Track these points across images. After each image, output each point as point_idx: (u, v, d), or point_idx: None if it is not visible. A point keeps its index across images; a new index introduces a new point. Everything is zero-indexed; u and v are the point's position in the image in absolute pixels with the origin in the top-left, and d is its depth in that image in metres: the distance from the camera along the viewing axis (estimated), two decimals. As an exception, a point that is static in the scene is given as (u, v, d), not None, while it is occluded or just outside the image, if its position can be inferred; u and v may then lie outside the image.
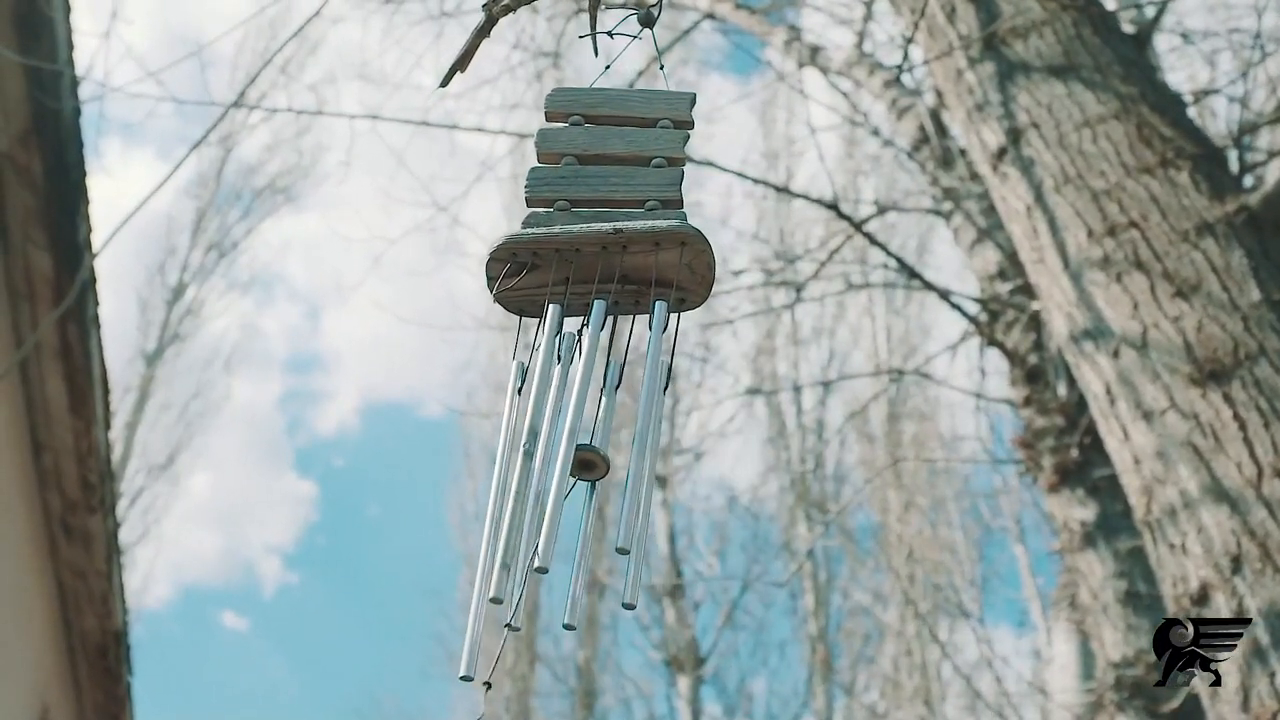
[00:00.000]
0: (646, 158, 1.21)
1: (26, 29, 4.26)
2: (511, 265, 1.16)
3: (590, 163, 1.21)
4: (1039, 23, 3.31)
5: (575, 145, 1.22)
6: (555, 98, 1.26)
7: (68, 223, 4.61)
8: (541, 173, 1.21)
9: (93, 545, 5.28)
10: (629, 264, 1.14)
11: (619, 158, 1.21)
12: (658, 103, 1.25)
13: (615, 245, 1.14)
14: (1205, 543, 2.43)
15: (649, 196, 1.18)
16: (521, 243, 1.15)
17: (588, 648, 13.41)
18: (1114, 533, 4.48)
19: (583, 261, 1.14)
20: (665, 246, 1.14)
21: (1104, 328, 2.80)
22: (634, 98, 1.26)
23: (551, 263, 1.15)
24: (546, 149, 1.23)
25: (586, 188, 1.19)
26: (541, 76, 8.16)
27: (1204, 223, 2.78)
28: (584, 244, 1.14)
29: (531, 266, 1.16)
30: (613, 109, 1.25)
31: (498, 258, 1.16)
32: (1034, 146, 3.13)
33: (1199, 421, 2.53)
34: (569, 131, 1.24)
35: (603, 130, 1.23)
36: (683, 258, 1.14)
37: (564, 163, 1.22)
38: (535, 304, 1.17)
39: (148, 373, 13.54)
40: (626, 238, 1.13)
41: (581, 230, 1.14)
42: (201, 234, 14.08)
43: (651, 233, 1.14)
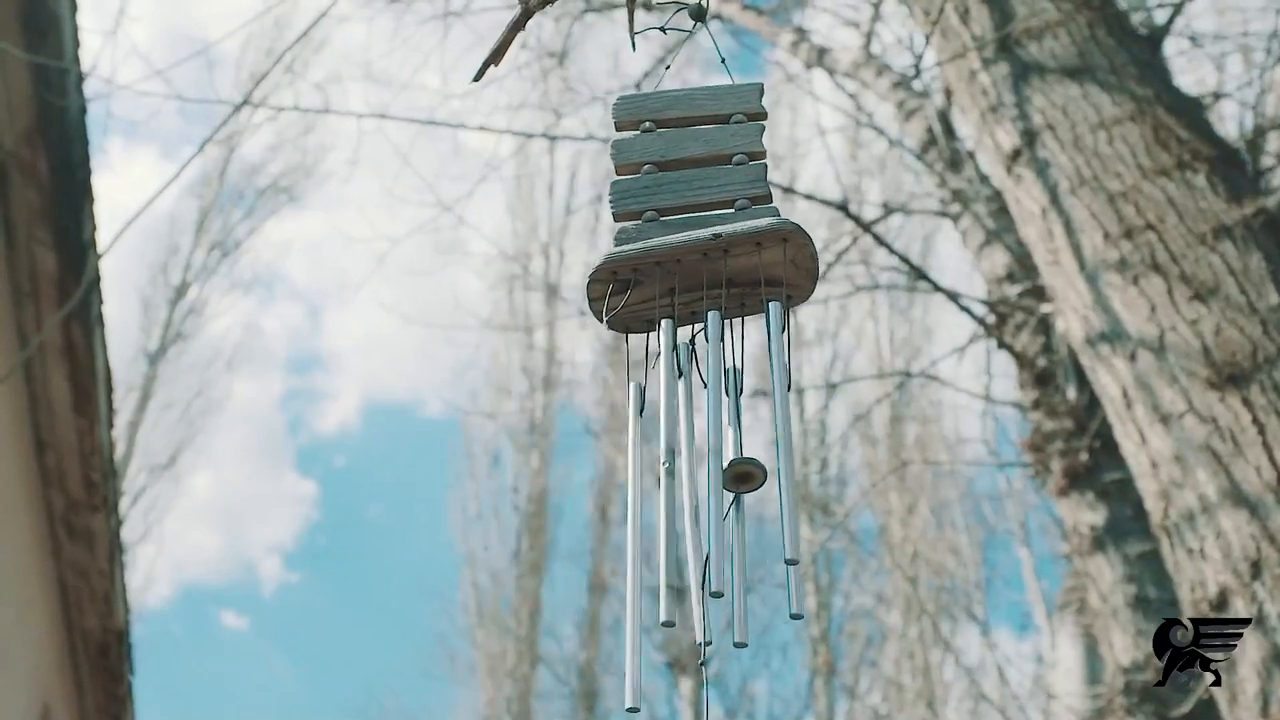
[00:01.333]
0: (727, 155, 1.19)
1: (33, 26, 4.25)
2: (614, 285, 1.14)
3: (670, 168, 1.19)
4: (1053, 24, 3.29)
5: (652, 153, 1.20)
6: (623, 106, 1.24)
7: (72, 221, 4.59)
8: (624, 185, 1.19)
9: (95, 544, 5.27)
10: (732, 267, 1.12)
11: (698, 159, 1.19)
12: (726, 97, 1.23)
13: (716, 251, 1.12)
14: (1224, 547, 2.42)
15: (737, 195, 1.16)
16: (621, 260, 1.13)
17: (589, 649, 13.40)
18: (1123, 537, 4.46)
19: (685, 271, 1.12)
20: (767, 245, 1.12)
21: (1121, 330, 2.78)
22: (700, 95, 1.24)
23: (654, 276, 1.13)
24: (624, 160, 1.20)
25: (673, 194, 1.17)
26: (547, 77, 8.15)
27: (1221, 225, 2.76)
28: (685, 254, 1.12)
29: (634, 283, 1.13)
30: (682, 110, 1.22)
31: (599, 279, 1.14)
32: (1049, 148, 3.11)
33: (1217, 425, 2.51)
34: (643, 139, 1.21)
35: (677, 133, 1.21)
36: (786, 254, 1.12)
37: (644, 171, 1.20)
38: (640, 320, 1.14)
39: (150, 371, 13.52)
40: (727, 242, 1.12)
41: (681, 240, 1.12)
42: (204, 233, 14.07)
43: (752, 233, 1.12)
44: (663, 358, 1.11)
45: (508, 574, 13.86)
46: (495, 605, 13.82)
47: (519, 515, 13.92)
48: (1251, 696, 2.31)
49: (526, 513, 13.84)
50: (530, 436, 14.00)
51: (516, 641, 13.40)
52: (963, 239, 5.52)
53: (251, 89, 5.61)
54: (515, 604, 13.58)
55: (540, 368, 13.95)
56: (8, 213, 4.52)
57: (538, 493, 13.87)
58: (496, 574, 13.99)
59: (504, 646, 13.51)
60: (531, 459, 13.99)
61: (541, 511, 13.82)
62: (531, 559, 13.67)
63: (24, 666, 5.03)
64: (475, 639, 13.93)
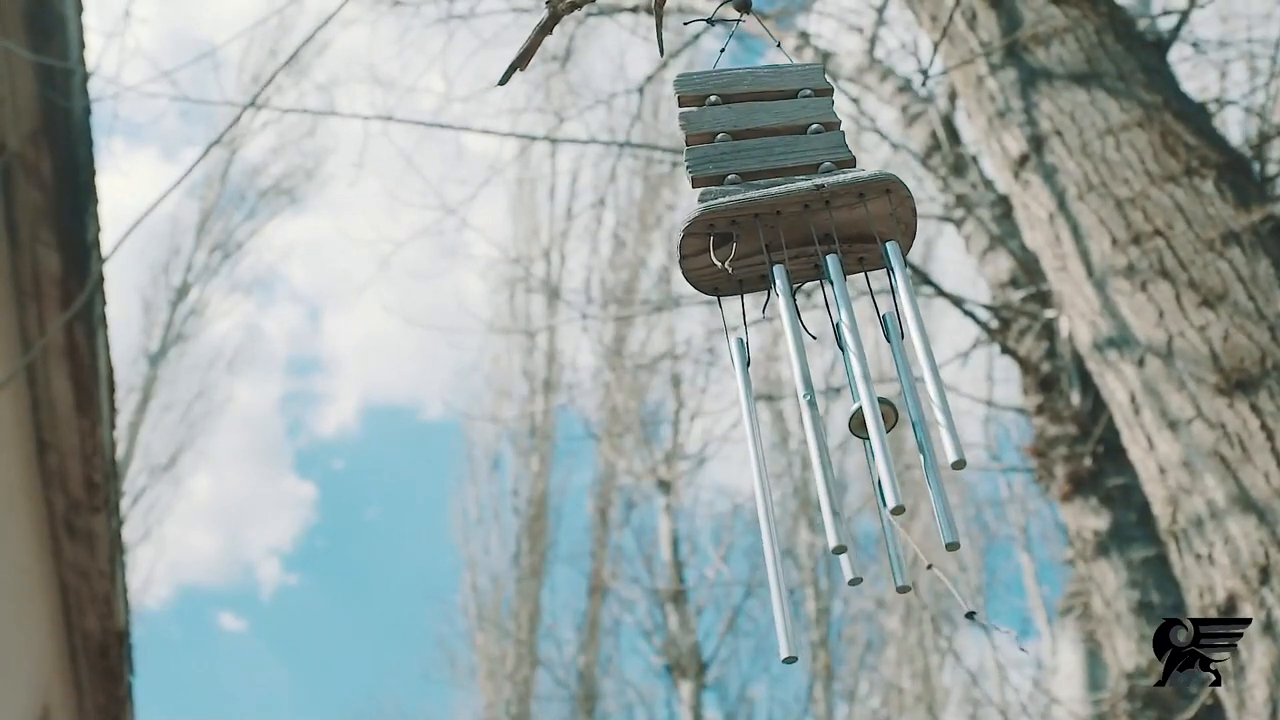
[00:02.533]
0: (802, 125, 1.16)
1: (38, 27, 4.24)
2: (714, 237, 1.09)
3: (744, 137, 1.16)
4: (1061, 30, 3.29)
5: (724, 123, 1.17)
6: (686, 81, 1.20)
7: (76, 222, 4.59)
8: (700, 152, 1.15)
9: (96, 545, 5.26)
10: (834, 220, 1.09)
11: (774, 129, 1.16)
12: (790, 75, 1.21)
13: (818, 202, 1.08)
14: (1232, 553, 2.41)
15: (821, 159, 1.13)
16: (719, 211, 1.08)
17: (589, 652, 13.39)
18: (1127, 542, 4.46)
19: (785, 224, 1.08)
20: (870, 197, 1.09)
21: (1129, 336, 2.78)
22: (764, 73, 1.21)
23: (754, 229, 1.08)
24: (695, 130, 1.17)
25: (754, 159, 1.14)
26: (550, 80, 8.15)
27: (1229, 232, 2.76)
28: (785, 205, 1.08)
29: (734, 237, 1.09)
30: (748, 86, 1.20)
31: (695, 232, 1.09)
32: (1057, 154, 3.11)
33: (1226, 431, 2.51)
34: (712, 111, 1.18)
35: (746, 106, 1.18)
36: (890, 206, 1.09)
37: (719, 139, 1.16)
38: (731, 281, 1.10)
39: (151, 373, 13.51)
40: (830, 192, 1.08)
41: (782, 190, 1.08)
42: (206, 235, 14.07)
43: (855, 183, 1.09)
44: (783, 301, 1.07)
45: (508, 577, 13.86)
46: (495, 608, 13.81)
47: (519, 518, 13.91)
48: (1260, 703, 2.30)
49: (527, 516, 13.83)
50: (531, 440, 13.99)
51: (516, 644, 13.39)
52: (966, 244, 5.52)
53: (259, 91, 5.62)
54: (515, 607, 13.57)
55: (541, 371, 13.95)
56: (11, 213, 4.52)
57: (538, 496, 13.86)
58: (496, 577, 13.98)
59: (504, 650, 13.50)
60: (532, 462, 13.98)
61: (542, 515, 13.81)
62: (531, 562, 13.66)
63: (24, 667, 5.03)
64: (475, 642, 13.92)
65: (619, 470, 13.34)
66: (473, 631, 14.03)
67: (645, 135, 10.71)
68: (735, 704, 12.93)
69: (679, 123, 1.17)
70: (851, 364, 1.05)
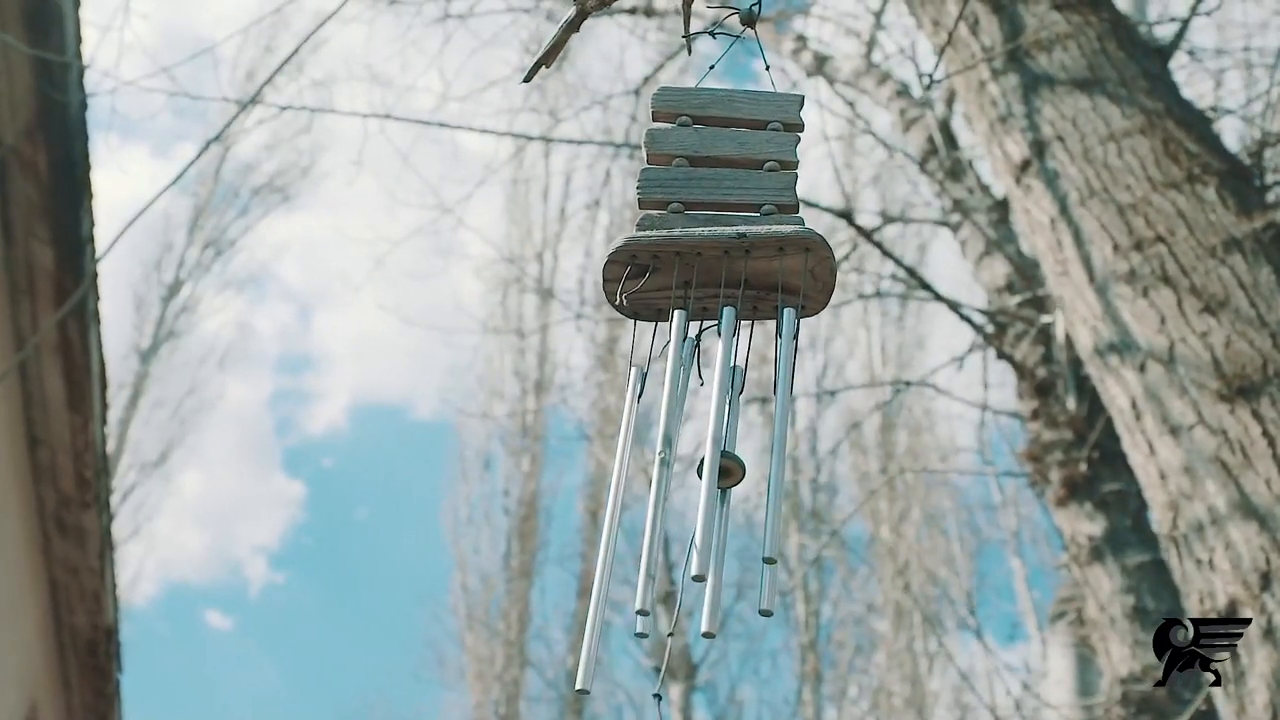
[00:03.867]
0: (759, 161, 1.19)
1: (36, 22, 4.23)
2: (631, 268, 1.14)
3: (701, 164, 1.19)
4: (1063, 36, 3.30)
5: (686, 147, 1.20)
6: (663, 97, 1.24)
7: (71, 218, 4.57)
8: (654, 174, 1.19)
9: (86, 541, 5.24)
10: (750, 269, 1.12)
11: (731, 160, 1.19)
12: (766, 104, 1.23)
13: (738, 250, 1.12)
14: (1234, 559, 2.42)
15: (765, 200, 1.16)
16: (642, 245, 1.13)
17: (579, 653, 13.37)
18: (1122, 548, 4.48)
19: (703, 265, 1.12)
20: (789, 252, 1.12)
21: (1130, 341, 2.79)
22: (740, 99, 1.24)
23: (672, 265, 1.12)
24: (657, 150, 1.21)
25: (701, 190, 1.17)
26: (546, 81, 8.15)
27: (1231, 239, 2.77)
28: (706, 248, 1.12)
29: (651, 270, 1.13)
30: (721, 110, 1.23)
31: (617, 260, 1.14)
32: (1059, 159, 3.12)
33: (1227, 437, 2.52)
34: (679, 132, 1.22)
35: (713, 132, 1.21)
36: (806, 263, 1.12)
37: (675, 164, 1.20)
38: (649, 308, 1.14)
39: (142, 369, 13.48)
40: (750, 242, 1.12)
41: (705, 234, 1.12)
42: (199, 231, 14.04)
43: (776, 238, 1.12)
44: (671, 348, 1.11)
45: (498, 577, 13.84)
46: (485, 609, 13.80)
47: (510, 519, 13.91)
48: (1261, 708, 2.31)
49: (518, 516, 13.82)
50: (522, 440, 13.99)
51: (506, 645, 13.38)
52: (962, 249, 5.53)
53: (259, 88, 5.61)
54: (505, 607, 13.56)
55: (533, 371, 13.94)
56: (6, 208, 4.50)
57: (529, 496, 13.85)
58: (487, 577, 13.97)
59: (493, 650, 13.49)
60: (523, 462, 13.98)
61: (533, 515, 13.81)
62: (522, 562, 13.65)
63: (12, 663, 5.00)
64: (464, 642, 13.91)
65: (610, 471, 13.32)
66: (462, 632, 14.02)
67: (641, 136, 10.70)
68: (724, 706, 12.93)
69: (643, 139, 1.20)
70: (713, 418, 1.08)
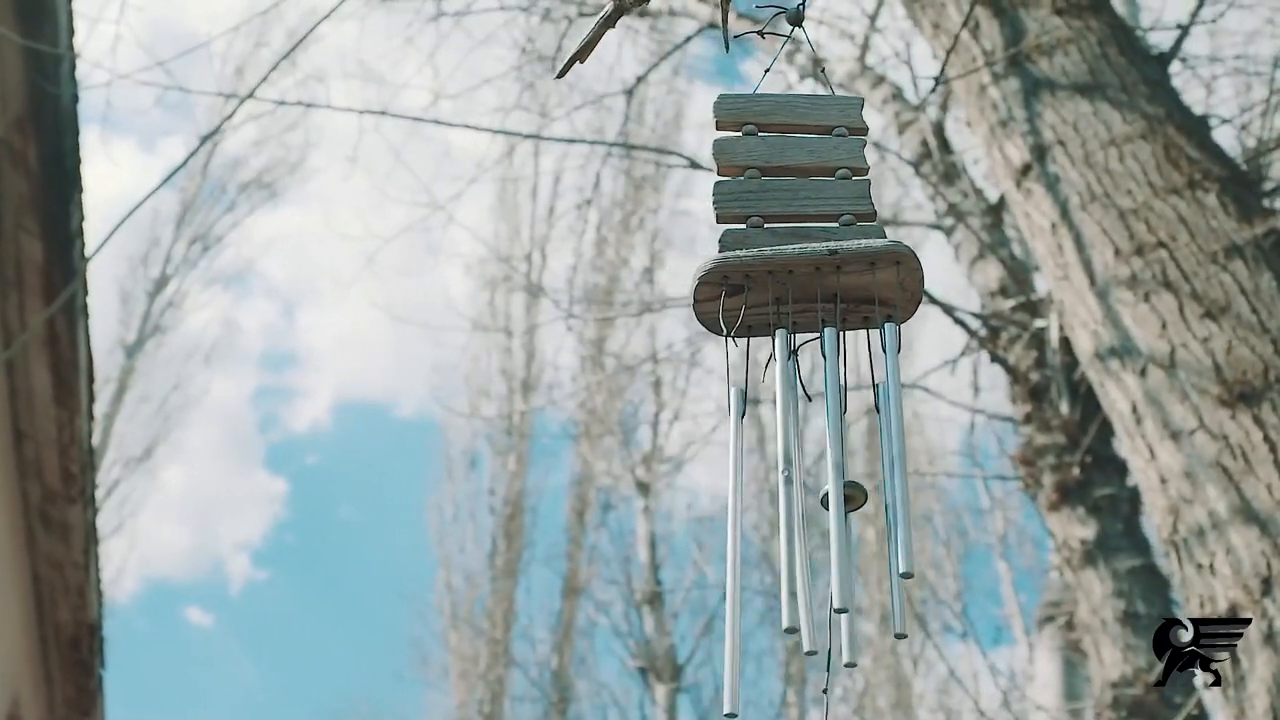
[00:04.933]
0: (831, 168, 1.19)
1: (28, 13, 4.19)
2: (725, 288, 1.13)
3: (773, 174, 1.19)
4: (1064, 40, 3.31)
5: (755, 157, 1.19)
6: (724, 105, 1.23)
7: (60, 211, 4.54)
8: (728, 187, 1.18)
9: (71, 536, 5.20)
10: (842, 284, 1.12)
11: (803, 168, 1.19)
12: (828, 109, 1.22)
13: (829, 266, 1.12)
14: (1234, 563, 2.43)
15: (842, 210, 1.16)
16: (734, 265, 1.13)
17: (563, 653, 13.38)
18: (1114, 552, 4.50)
19: (795, 282, 1.12)
20: (880, 266, 1.13)
21: (1131, 346, 2.80)
22: (801, 104, 1.23)
23: (764, 284, 1.13)
24: (727, 161, 1.19)
25: (777, 203, 1.17)
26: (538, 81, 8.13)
27: (1232, 245, 2.78)
28: (798, 265, 1.12)
29: (746, 289, 1.13)
30: (784, 117, 1.22)
31: (710, 280, 1.13)
32: (1060, 164, 3.13)
33: (1228, 443, 2.53)
34: (746, 142, 1.21)
35: (780, 139, 1.20)
36: (898, 276, 1.13)
37: (747, 175, 1.19)
38: (742, 326, 1.14)
39: (127, 364, 13.40)
40: (842, 258, 1.12)
41: (796, 252, 1.12)
42: (186, 226, 13.96)
43: (868, 253, 1.12)
44: (778, 367, 1.10)
45: (483, 576, 13.82)
46: (469, 608, 13.78)
47: (495, 518, 13.88)
48: (1261, 713, 2.32)
49: (503, 515, 13.80)
50: (508, 439, 13.96)
51: (490, 644, 13.35)
52: (956, 252, 5.55)
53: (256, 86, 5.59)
54: (490, 607, 13.53)
55: (520, 370, 13.92)
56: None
57: (515, 495, 13.83)
58: (471, 576, 13.95)
59: (477, 649, 13.46)
60: (509, 461, 13.95)
61: (518, 514, 13.79)
62: (507, 562, 13.63)
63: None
64: (448, 641, 13.88)
65: (597, 471, 13.33)
66: (446, 631, 13.99)
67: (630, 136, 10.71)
68: (709, 708, 12.93)
69: (712, 149, 1.19)
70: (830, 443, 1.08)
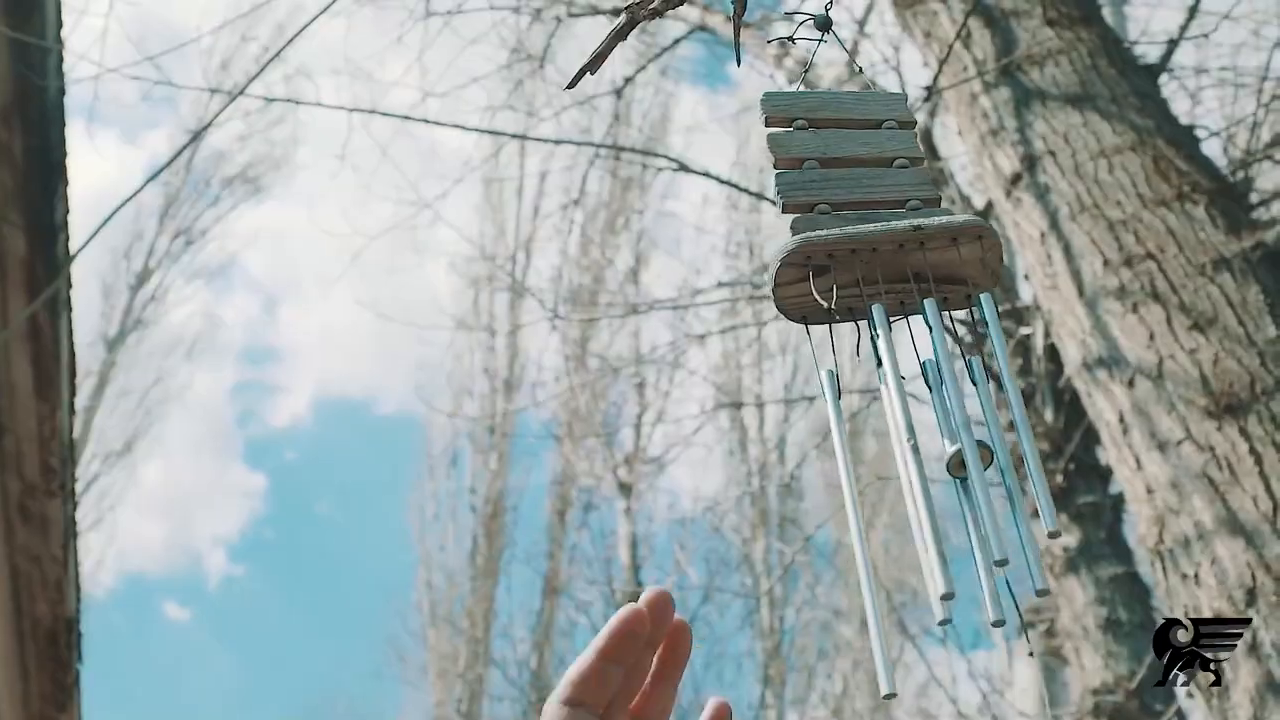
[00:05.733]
0: (887, 159, 1.18)
1: (16, 5, 4.16)
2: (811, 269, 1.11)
3: (830, 165, 1.18)
4: (1055, 51, 3.33)
5: (812, 149, 1.18)
6: (773, 101, 1.22)
7: (44, 204, 4.51)
8: (790, 177, 1.16)
9: (50, 530, 5.16)
10: (927, 260, 1.11)
11: (860, 159, 1.18)
12: (874, 104, 1.21)
13: (914, 243, 1.10)
14: (1219, 574, 2.45)
15: (909, 196, 1.15)
16: (817, 244, 1.10)
17: (543, 652, 13.36)
18: (1096, 560, 4.52)
19: (879, 260, 1.10)
20: (963, 241, 1.11)
21: (1119, 357, 2.82)
22: (848, 100, 1.22)
23: (848, 264, 1.11)
24: (784, 154, 1.18)
25: (843, 190, 1.16)
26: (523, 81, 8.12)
27: (1221, 257, 2.80)
28: (881, 243, 1.10)
29: (830, 270, 1.11)
30: (832, 112, 1.21)
31: (793, 262, 1.11)
32: (1050, 174, 3.15)
33: (1215, 454, 2.54)
34: (800, 136, 1.19)
35: (833, 133, 1.19)
36: (981, 251, 1.11)
37: (806, 166, 1.17)
38: (821, 311, 1.12)
39: (108, 358, 13.34)
40: (925, 234, 1.10)
41: (879, 229, 1.11)
42: (169, 220, 13.90)
43: (950, 227, 1.11)
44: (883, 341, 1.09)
45: (463, 575, 13.81)
46: (449, 606, 13.76)
47: (476, 516, 13.87)
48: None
49: (484, 514, 13.78)
50: (490, 438, 13.95)
51: (469, 643, 13.33)
52: (941, 258, 5.53)
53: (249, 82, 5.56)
54: (469, 605, 13.52)
55: (503, 369, 13.91)
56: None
57: (496, 495, 13.82)
58: (451, 574, 13.93)
59: (456, 648, 13.44)
60: (491, 460, 13.94)
61: (499, 513, 13.78)
62: (487, 561, 13.61)
63: (-25, 653, 4.93)
64: (427, 639, 13.86)
65: (579, 472, 13.33)
66: (425, 629, 13.97)
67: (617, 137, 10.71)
68: (687, 709, 12.93)
69: (767, 143, 1.19)
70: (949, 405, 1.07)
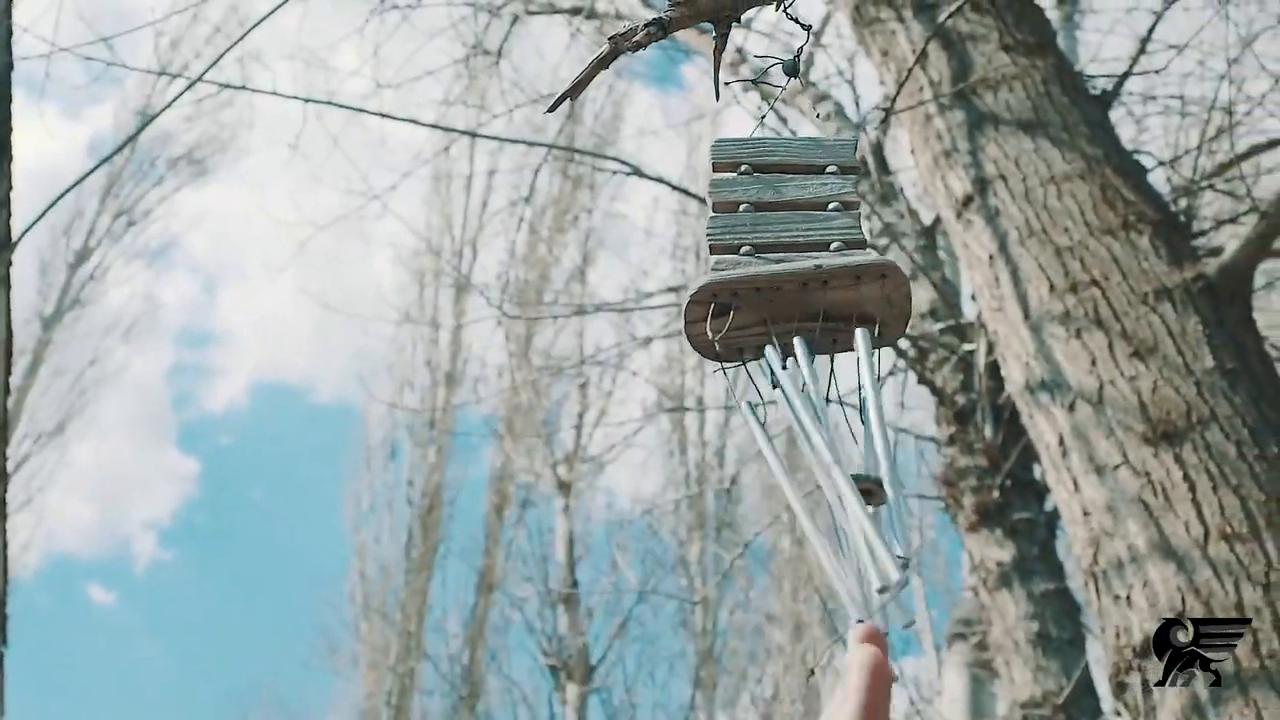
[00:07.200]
0: (822, 203, 1.21)
1: (-33, -23, 4.09)
2: (714, 308, 1.14)
3: (765, 209, 1.21)
4: (1010, 77, 3.39)
5: (750, 194, 1.22)
6: (721, 149, 1.26)
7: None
8: (722, 220, 1.20)
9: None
10: (829, 300, 1.14)
11: (795, 204, 1.21)
12: (820, 151, 1.26)
13: (816, 282, 1.13)
14: (1150, 597, 2.52)
15: (833, 239, 1.18)
16: (724, 283, 1.13)
17: (476, 648, 13.33)
18: (1028, 575, 4.60)
19: (782, 300, 1.13)
20: (865, 280, 1.14)
21: (1061, 381, 2.88)
22: (797, 146, 1.26)
23: (752, 303, 1.14)
24: (722, 198, 1.22)
25: (769, 233, 1.19)
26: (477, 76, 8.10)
27: (1163, 287, 2.88)
28: (785, 282, 1.13)
29: (733, 308, 1.14)
30: (780, 158, 1.25)
31: (699, 300, 1.14)
32: (1000, 198, 3.20)
33: (1150, 479, 2.61)
34: (741, 180, 1.23)
35: (775, 178, 1.23)
36: (883, 290, 1.14)
37: (741, 209, 1.21)
38: (730, 349, 1.15)
39: (44, 336, 13.08)
40: (827, 273, 1.13)
41: (783, 268, 1.14)
42: (111, 199, 13.66)
43: (853, 267, 1.14)
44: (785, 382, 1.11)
45: (397, 568, 13.73)
46: (382, 598, 13.67)
47: (413, 509, 13.79)
48: (1169, 743, 2.41)
49: (421, 507, 13.72)
50: (429, 431, 13.88)
51: (402, 636, 13.26)
52: (888, 272, 5.60)
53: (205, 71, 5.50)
54: (403, 598, 13.45)
55: (445, 363, 13.85)
56: (-75, 167, 4.34)
57: (433, 488, 13.76)
58: (386, 567, 13.85)
59: (388, 640, 13.36)
60: (429, 454, 13.87)
61: (436, 507, 13.72)
62: (423, 554, 13.55)
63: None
64: (359, 631, 13.76)
65: (518, 468, 13.31)
66: (357, 620, 13.87)
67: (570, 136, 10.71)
68: (618, 709, 12.97)
69: (708, 188, 1.23)
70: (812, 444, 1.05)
